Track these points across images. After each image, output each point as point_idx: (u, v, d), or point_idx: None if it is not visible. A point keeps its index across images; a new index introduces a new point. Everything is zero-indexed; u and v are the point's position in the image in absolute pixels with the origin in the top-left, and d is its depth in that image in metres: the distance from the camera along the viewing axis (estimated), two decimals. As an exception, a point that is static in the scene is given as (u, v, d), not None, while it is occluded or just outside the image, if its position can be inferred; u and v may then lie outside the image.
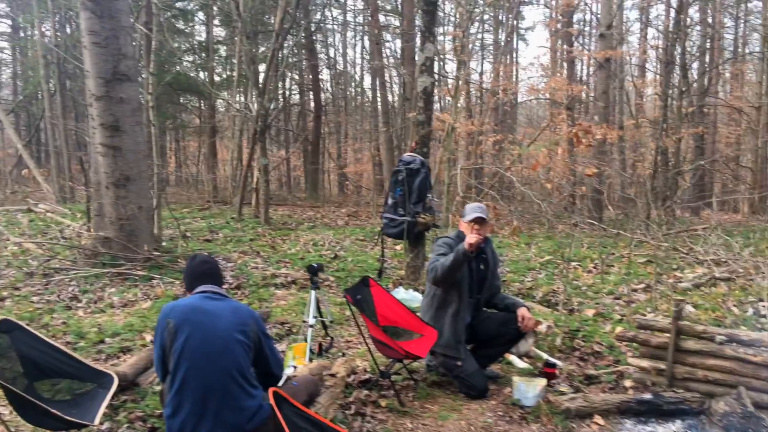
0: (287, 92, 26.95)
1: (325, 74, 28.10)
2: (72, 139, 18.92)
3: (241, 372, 3.03)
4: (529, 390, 4.34)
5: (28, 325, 5.54)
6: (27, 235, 10.65)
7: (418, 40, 14.93)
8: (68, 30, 20.86)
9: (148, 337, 5.36)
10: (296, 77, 26.42)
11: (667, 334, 4.47)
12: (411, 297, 6.75)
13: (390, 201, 7.05)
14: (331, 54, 29.44)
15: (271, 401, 2.59)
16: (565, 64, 21.97)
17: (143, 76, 9.58)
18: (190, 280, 3.32)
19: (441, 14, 21.61)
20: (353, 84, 30.75)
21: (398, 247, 9.95)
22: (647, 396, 4.30)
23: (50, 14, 17.88)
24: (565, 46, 18.23)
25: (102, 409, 3.18)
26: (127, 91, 7.64)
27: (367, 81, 36.71)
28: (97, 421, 3.09)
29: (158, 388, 3.84)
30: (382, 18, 22.88)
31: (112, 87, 7.53)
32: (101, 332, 5.47)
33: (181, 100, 21.86)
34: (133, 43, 8.17)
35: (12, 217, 12.73)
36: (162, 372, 3.13)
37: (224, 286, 3.47)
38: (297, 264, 8.65)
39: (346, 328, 6.08)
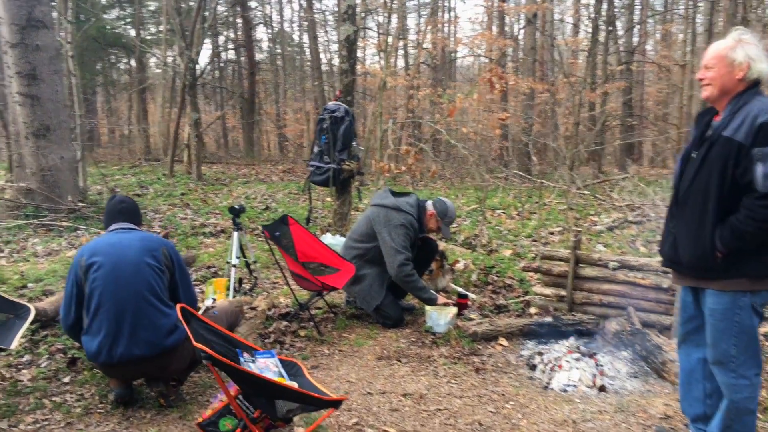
0: (221, 49, 26.32)
1: (262, 33, 27.53)
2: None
3: (153, 292, 3.17)
4: (440, 318, 4.63)
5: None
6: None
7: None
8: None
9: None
10: (231, 35, 25.81)
11: (568, 263, 4.83)
12: (338, 242, 6.92)
13: (316, 149, 7.16)
14: (267, 11, 28.83)
15: (179, 315, 2.75)
16: (496, 21, 22.23)
17: (61, 26, 9.25)
18: (107, 218, 3.44)
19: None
20: (290, 42, 30.23)
21: (329, 199, 10.11)
22: (547, 319, 4.66)
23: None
24: (495, 2, 18.44)
25: (18, 336, 3.26)
26: (43, 39, 7.42)
27: (306, 39, 36.04)
28: (13, 346, 3.18)
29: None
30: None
31: (28, 34, 7.30)
32: (24, 278, 5.46)
33: (111, 59, 21.12)
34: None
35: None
36: (67, 309, 3.24)
37: (145, 228, 3.57)
38: (227, 215, 8.70)
39: (273, 271, 6.24)
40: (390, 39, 12.98)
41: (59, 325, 4.21)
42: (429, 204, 4.94)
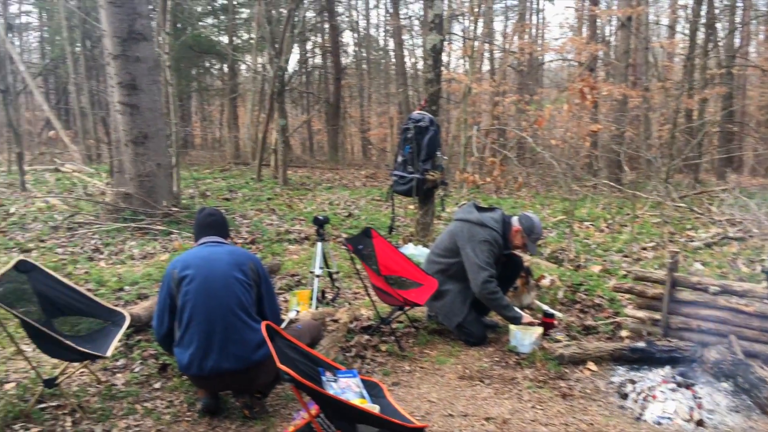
0: (308, 55, 26.88)
1: (348, 37, 27.92)
2: (97, 101, 19.21)
3: (242, 307, 3.23)
4: (525, 337, 4.49)
5: (51, 273, 5.83)
6: (53, 192, 11.00)
7: None
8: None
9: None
10: (318, 40, 26.32)
11: (663, 285, 4.56)
12: (420, 253, 6.89)
13: (399, 158, 7.14)
14: (354, 16, 29.20)
15: (264, 333, 2.78)
16: (587, 24, 21.53)
17: (160, 37, 9.70)
18: (197, 231, 3.54)
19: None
20: (375, 47, 30.51)
21: (411, 207, 10.08)
22: (640, 344, 4.42)
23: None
24: (587, 4, 17.82)
25: (114, 344, 3.40)
26: (143, 50, 7.79)
27: (391, 44, 36.27)
28: (109, 353, 3.32)
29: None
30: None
31: (129, 46, 7.68)
32: (121, 281, 5.73)
33: (206, 64, 21.99)
34: (149, 4, 8.27)
35: (40, 176, 13.11)
36: (160, 320, 3.36)
37: (236, 241, 3.66)
38: (311, 222, 8.84)
39: (355, 281, 6.26)
40: (475, 44, 12.83)
41: (152, 331, 4.37)
42: (514, 220, 4.81)
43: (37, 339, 3.29)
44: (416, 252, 6.95)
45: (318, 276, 5.25)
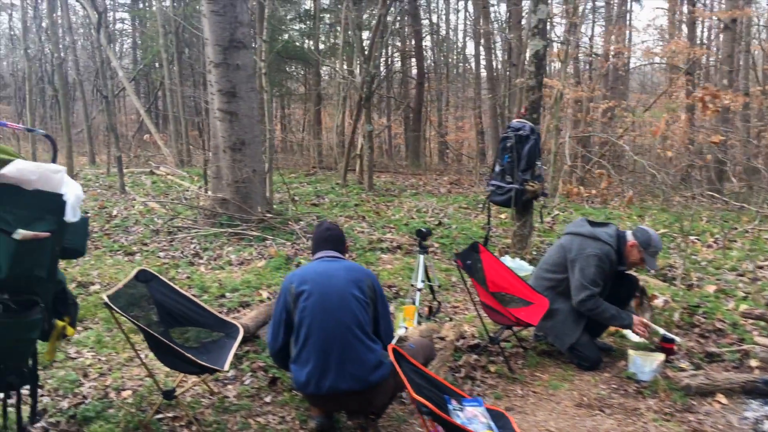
0: (390, 59, 26.92)
1: (426, 40, 27.76)
2: (189, 106, 19.90)
3: (359, 325, 3.14)
4: (645, 364, 4.21)
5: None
6: (151, 195, 11.40)
7: (528, 2, 14.42)
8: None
9: (264, 294, 5.63)
10: (398, 44, 26.31)
11: (802, 314, 4.17)
12: (518, 266, 6.66)
13: (497, 168, 6.94)
14: (434, 19, 29.04)
15: (391, 357, 2.66)
16: (684, 26, 20.51)
17: (256, 44, 9.87)
18: (314, 245, 3.50)
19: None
20: (455, 51, 30.26)
21: (503, 216, 9.82)
22: (776, 377, 4.05)
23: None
24: (685, 6, 16.94)
25: (230, 357, 3.38)
26: (242, 58, 7.92)
27: (470, 48, 35.83)
28: (226, 367, 3.30)
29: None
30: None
31: (230, 54, 7.82)
32: (222, 287, 5.79)
33: (288, 68, 22.39)
34: (249, 13, 8.40)
35: (137, 179, 13.65)
36: (275, 335, 3.30)
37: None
38: (402, 230, 8.74)
39: (453, 294, 6.11)
40: (567, 49, 12.41)
41: (259, 341, 4.37)
42: (629, 234, 4.53)
43: (158, 350, 3.31)
44: (514, 265, 6.71)
45: (420, 290, 5.12)
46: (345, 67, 17.67)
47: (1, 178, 2.37)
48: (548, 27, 18.93)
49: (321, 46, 20.58)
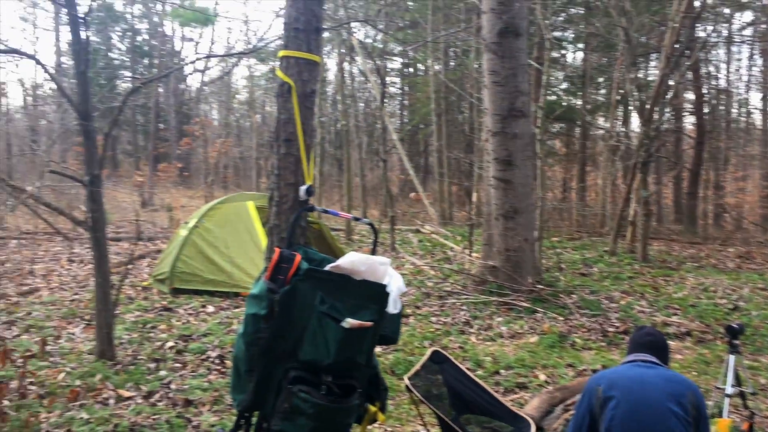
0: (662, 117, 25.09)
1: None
2: (454, 168, 20.65)
3: (677, 447, 2.71)
4: None
5: (431, 345, 6.07)
6: (418, 254, 11.89)
7: None
8: (451, 65, 22.99)
9: (542, 376, 5.35)
10: (673, 99, 24.45)
11: None
12: None
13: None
14: (711, 70, 26.48)
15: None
16: None
17: (534, 111, 9.84)
18: (630, 347, 3.19)
19: None
20: (737, 103, 27.17)
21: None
22: None
23: (441, 53, 19.94)
24: None
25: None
26: (520, 127, 7.90)
27: (754, 98, 32.19)
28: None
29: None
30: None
31: (508, 123, 7.86)
32: (495, 362, 5.66)
33: (552, 128, 22.10)
34: (528, 82, 8.42)
35: (404, 236, 14.40)
36: None
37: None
38: (689, 312, 7.79)
39: (765, 401, 5.17)
40: None
41: (545, 434, 4.10)
42: None
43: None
44: None
45: (729, 396, 4.39)
46: (618, 126, 16.85)
47: (336, 269, 2.51)
48: None
49: (590, 105, 19.99)
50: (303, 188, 3.01)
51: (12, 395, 4.34)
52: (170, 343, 6.01)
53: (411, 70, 30.22)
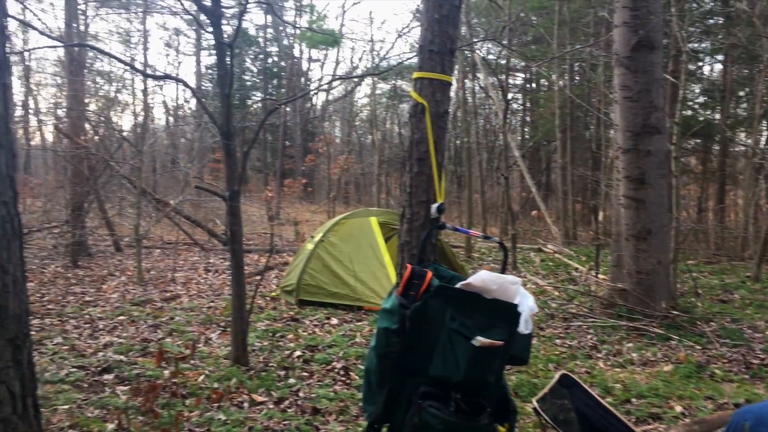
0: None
1: None
2: (578, 185, 19.99)
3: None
4: None
5: (556, 369, 5.89)
6: (540, 274, 11.59)
7: None
8: (576, 80, 22.32)
9: (678, 408, 5.03)
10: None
11: None
12: None
13: None
14: None
15: None
16: None
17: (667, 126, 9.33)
18: None
19: None
20: None
21: None
22: None
23: (566, 68, 19.44)
24: None
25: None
26: (654, 144, 7.53)
27: None
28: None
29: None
30: None
31: (641, 140, 7.52)
32: (626, 390, 5.39)
33: (687, 144, 20.79)
34: (663, 97, 8.02)
35: (525, 255, 14.10)
36: None
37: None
38: None
39: None
40: None
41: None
42: None
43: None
44: None
45: None
46: (762, 143, 15.58)
47: (467, 287, 2.53)
48: None
49: (728, 121, 18.64)
50: (434, 206, 3.06)
51: (163, 394, 4.70)
52: (298, 353, 6.26)
53: (533, 85, 29.66)
